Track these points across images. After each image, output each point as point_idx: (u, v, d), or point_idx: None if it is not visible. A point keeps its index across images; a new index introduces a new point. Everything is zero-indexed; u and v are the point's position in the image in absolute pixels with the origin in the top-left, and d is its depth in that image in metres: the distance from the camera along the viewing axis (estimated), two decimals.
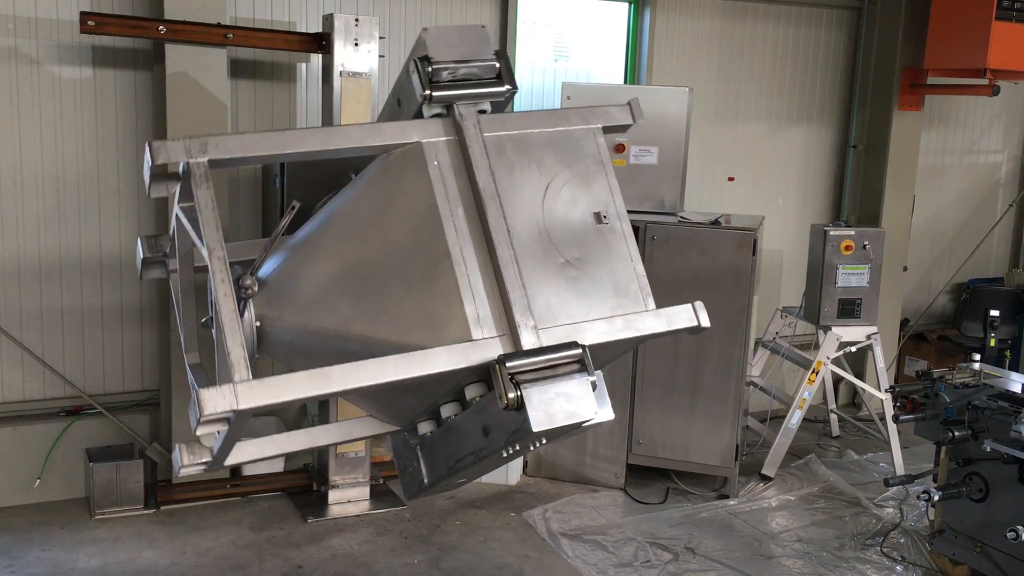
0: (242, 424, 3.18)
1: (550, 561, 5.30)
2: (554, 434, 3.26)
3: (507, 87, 3.57)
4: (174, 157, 3.30)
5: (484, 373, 3.23)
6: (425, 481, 3.84)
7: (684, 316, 3.60)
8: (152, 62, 5.68)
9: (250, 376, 3.09)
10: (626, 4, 7.24)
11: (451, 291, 3.31)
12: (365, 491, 5.86)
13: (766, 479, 6.47)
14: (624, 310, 3.50)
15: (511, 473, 6.24)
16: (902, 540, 5.69)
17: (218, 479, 5.86)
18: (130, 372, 5.98)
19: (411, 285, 3.39)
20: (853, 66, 8.05)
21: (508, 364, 3.16)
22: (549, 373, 3.21)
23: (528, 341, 3.27)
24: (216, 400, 2.94)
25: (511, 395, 3.11)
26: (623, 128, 3.83)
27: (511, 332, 3.28)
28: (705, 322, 3.62)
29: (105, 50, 5.64)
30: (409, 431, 3.77)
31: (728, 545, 5.56)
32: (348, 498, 5.83)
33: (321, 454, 5.92)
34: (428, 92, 3.49)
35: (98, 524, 5.50)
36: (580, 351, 3.24)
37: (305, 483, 5.97)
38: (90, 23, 5.20)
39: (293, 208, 3.45)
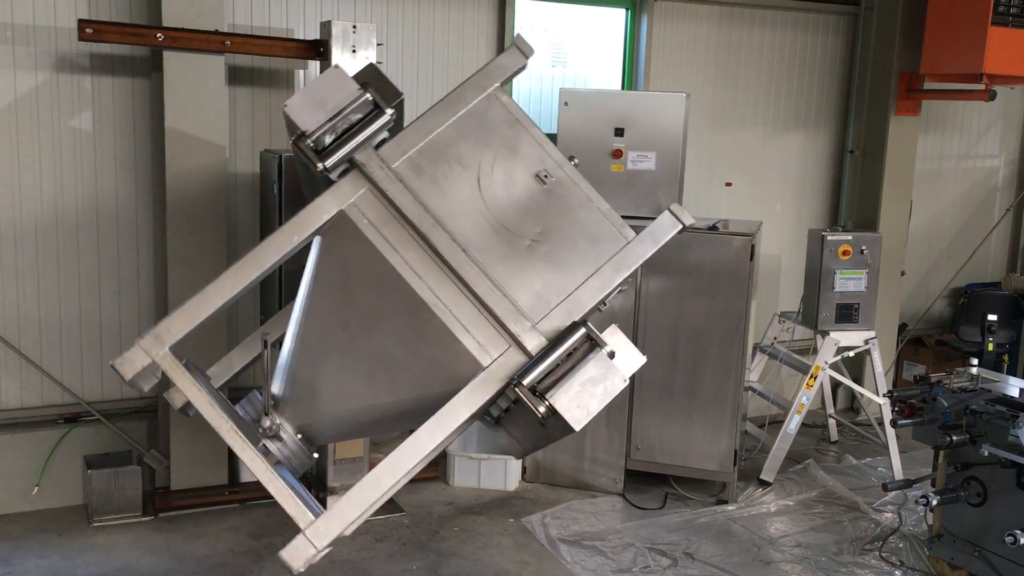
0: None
1: (549, 567, 5.29)
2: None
3: (389, 111, 3.40)
4: (140, 364, 3.43)
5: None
6: (520, 448, 4.01)
7: (667, 226, 3.50)
8: (150, 69, 5.69)
9: (313, 515, 3.30)
10: (623, 10, 7.26)
11: (443, 333, 3.35)
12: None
13: (765, 484, 6.47)
14: (607, 255, 3.45)
15: (510, 479, 6.24)
16: (901, 545, 5.69)
17: (216, 486, 5.86)
18: None
19: (407, 345, 3.44)
20: (850, 71, 8.06)
21: (525, 382, 3.20)
22: (566, 367, 3.23)
23: (533, 344, 3.29)
24: (299, 555, 3.23)
25: (542, 408, 3.20)
26: (521, 69, 3.62)
27: (515, 342, 3.30)
28: (688, 220, 3.52)
29: (103, 57, 5.64)
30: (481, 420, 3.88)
31: (727, 550, 5.56)
32: None
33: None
34: (320, 165, 3.34)
35: (96, 531, 5.49)
36: (583, 330, 3.25)
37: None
38: (88, 31, 5.21)
39: (268, 344, 3.52)
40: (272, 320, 4.59)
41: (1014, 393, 5.17)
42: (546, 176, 3.43)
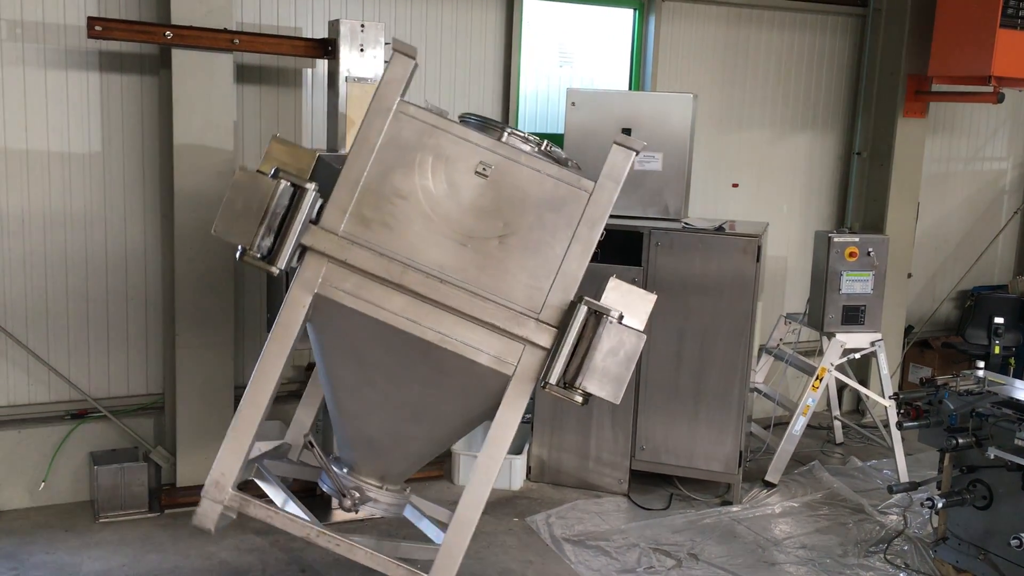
0: None
1: (553, 567, 5.29)
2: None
3: (309, 185, 3.36)
4: (215, 513, 3.52)
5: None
6: None
7: (621, 160, 3.36)
8: (159, 67, 5.70)
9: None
10: (631, 10, 7.26)
11: (459, 362, 3.40)
12: None
13: (770, 485, 6.46)
14: (576, 216, 3.40)
15: (514, 478, 6.24)
16: (906, 547, 5.68)
17: None
18: (135, 376, 5.99)
19: (435, 383, 3.51)
20: (857, 73, 8.05)
21: (553, 381, 3.25)
22: (583, 349, 3.23)
23: (543, 338, 3.32)
24: None
25: (578, 398, 3.27)
26: (414, 70, 3.45)
27: (527, 342, 3.32)
28: (638, 145, 3.41)
29: (112, 55, 5.66)
30: None
31: (731, 551, 5.56)
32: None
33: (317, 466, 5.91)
34: (275, 270, 3.37)
35: (102, 527, 5.51)
36: (584, 307, 3.25)
37: (310, 485, 5.96)
38: (97, 28, 5.23)
39: (312, 443, 3.72)
40: (303, 400, 4.77)
41: (1021, 396, 5.16)
42: (484, 168, 3.34)
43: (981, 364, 5.48)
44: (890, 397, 6.53)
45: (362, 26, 5.57)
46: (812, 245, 6.87)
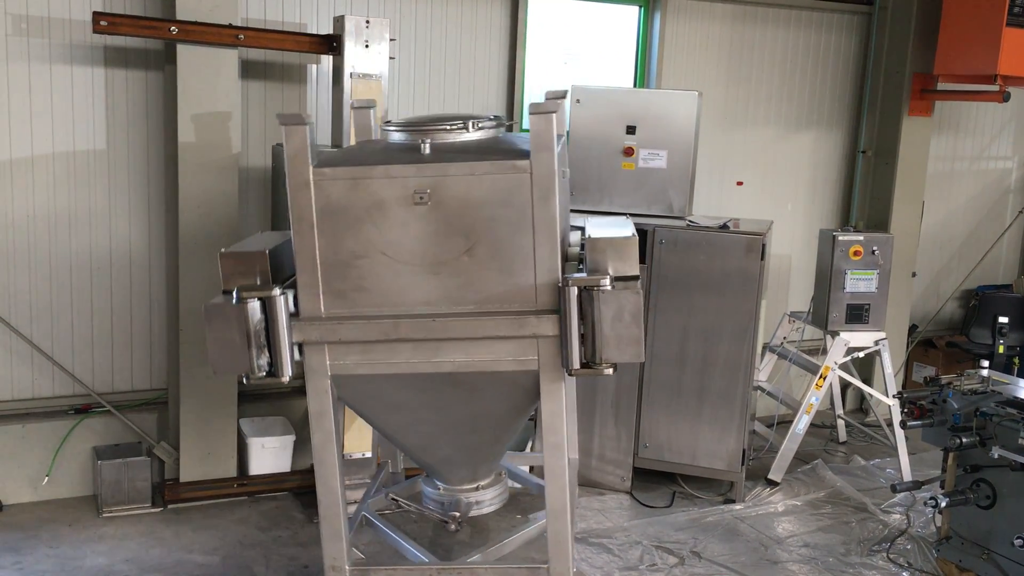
0: None
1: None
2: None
3: (275, 291, 3.30)
4: None
5: None
6: None
7: (543, 127, 3.19)
8: (164, 62, 5.71)
9: None
10: (636, 7, 7.25)
11: (486, 378, 3.44)
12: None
13: (773, 484, 6.46)
14: (526, 200, 3.27)
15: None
16: (909, 546, 5.67)
17: (225, 478, 5.88)
18: (139, 371, 6.00)
19: (474, 400, 3.57)
20: (863, 71, 8.04)
21: (576, 367, 3.26)
22: (590, 325, 3.22)
23: (549, 327, 3.31)
24: None
25: (608, 371, 3.29)
26: (311, 132, 3.34)
27: (537, 336, 3.32)
28: (553, 107, 3.24)
29: (117, 50, 5.66)
30: None
31: (734, 550, 5.56)
32: (354, 499, 5.84)
33: None
34: (282, 378, 3.37)
35: (105, 522, 5.52)
36: (573, 288, 3.21)
37: (312, 483, 5.95)
38: (103, 23, 5.23)
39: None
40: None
41: None
42: (420, 196, 3.23)
43: (985, 363, 5.47)
44: (894, 396, 6.52)
45: (367, 22, 5.57)
46: (816, 243, 6.87)
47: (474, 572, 3.83)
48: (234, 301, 3.27)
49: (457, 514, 3.99)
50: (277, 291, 3.28)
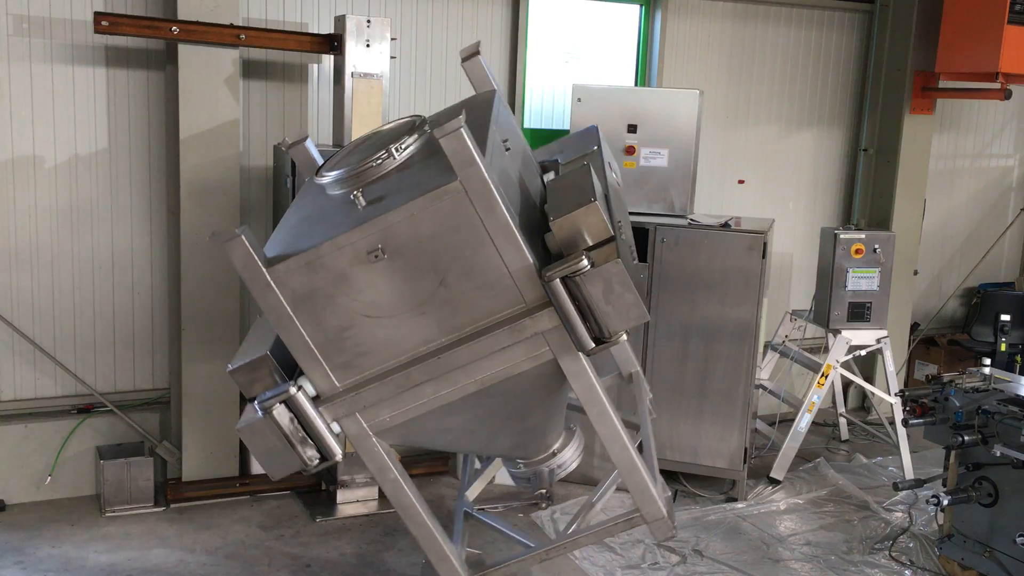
0: None
1: (558, 562, 5.29)
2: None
3: (290, 386, 3.35)
4: None
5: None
6: None
7: (458, 146, 3.10)
8: (165, 62, 5.71)
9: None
10: (637, 6, 7.25)
11: (507, 384, 3.46)
12: (374, 491, 5.87)
13: (774, 482, 6.46)
14: (471, 215, 3.19)
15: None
16: (911, 544, 5.67)
17: (227, 478, 5.89)
18: (141, 370, 6.01)
19: (511, 400, 3.62)
20: (864, 69, 8.03)
21: (589, 349, 3.27)
22: (587, 307, 3.21)
23: (548, 321, 3.34)
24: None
25: (622, 338, 3.28)
26: (243, 238, 3.30)
27: (540, 332, 3.32)
28: (455, 124, 3.12)
29: (118, 50, 5.67)
30: None
31: (736, 548, 5.56)
32: (357, 497, 5.85)
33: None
34: (336, 457, 3.44)
35: (108, 521, 5.53)
36: (555, 282, 3.20)
37: (314, 482, 5.99)
38: (104, 23, 5.24)
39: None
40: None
41: None
42: (374, 253, 3.21)
43: (987, 361, 5.47)
44: (896, 394, 6.52)
45: (368, 22, 5.57)
46: (818, 242, 6.86)
47: (577, 543, 3.93)
48: (258, 409, 3.34)
49: (544, 490, 4.10)
50: (293, 389, 3.34)
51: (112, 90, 5.69)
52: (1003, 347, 7.62)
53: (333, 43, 5.64)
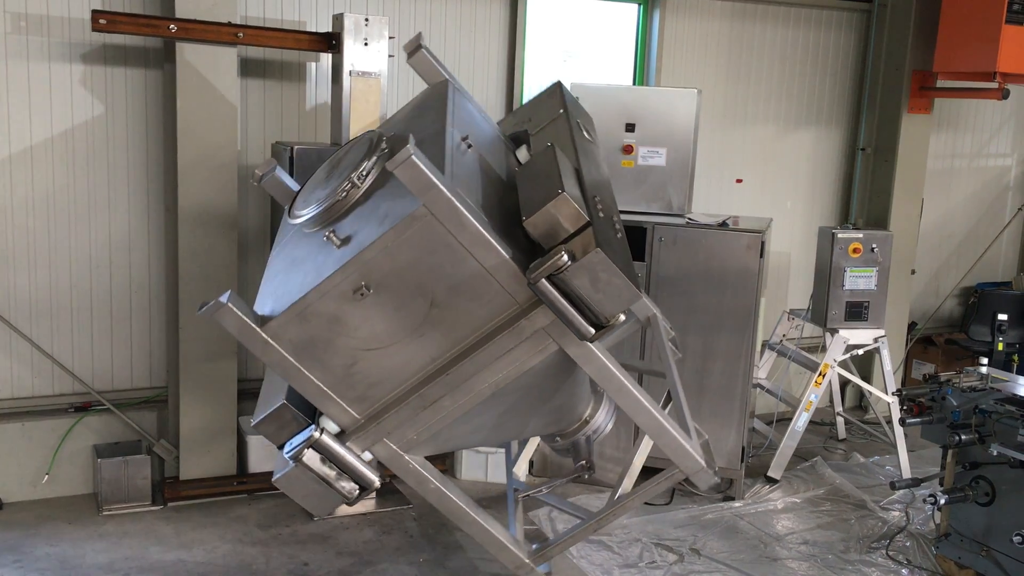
0: None
1: (555, 561, 5.28)
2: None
3: (314, 432, 3.39)
4: None
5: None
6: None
7: (413, 173, 3.06)
8: (163, 60, 5.71)
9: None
10: (635, 5, 7.24)
11: (525, 376, 3.50)
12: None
13: (772, 481, 6.47)
14: (443, 234, 3.19)
15: (519, 472, 6.24)
16: (908, 543, 5.68)
17: (225, 476, 5.89)
18: (138, 369, 6.00)
19: (532, 391, 3.67)
20: (862, 69, 8.04)
21: (592, 337, 3.28)
22: (577, 299, 3.21)
23: (545, 318, 3.38)
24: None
25: (622, 318, 3.28)
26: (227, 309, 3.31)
27: (540, 329, 3.33)
28: (403, 153, 3.07)
29: (116, 48, 5.66)
30: None
31: (733, 547, 5.56)
32: None
33: None
34: (375, 483, 3.49)
35: (106, 520, 5.53)
36: (542, 282, 3.19)
37: None
38: (102, 21, 5.23)
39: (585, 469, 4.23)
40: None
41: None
42: (360, 291, 3.22)
43: (984, 361, 5.47)
44: (893, 393, 6.53)
45: (366, 20, 5.57)
46: (816, 241, 6.87)
47: (624, 507, 4.08)
48: (290, 457, 3.41)
49: (585, 461, 4.19)
50: (316, 432, 3.39)
51: (109, 89, 5.69)
52: (1000, 346, 7.62)
53: (331, 42, 5.64)
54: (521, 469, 5.82)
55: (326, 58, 6.06)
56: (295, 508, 5.77)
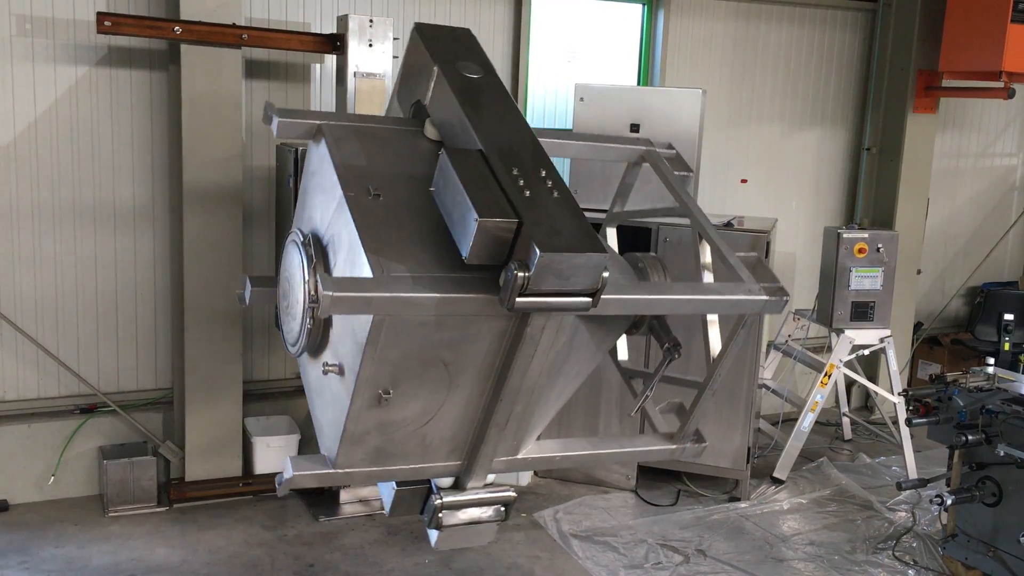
0: None
1: (561, 562, 5.30)
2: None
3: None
4: None
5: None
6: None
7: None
8: (168, 62, 5.71)
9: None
10: (640, 5, 7.24)
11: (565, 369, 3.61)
12: (376, 490, 5.87)
13: (778, 482, 6.45)
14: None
15: (522, 474, 6.24)
16: (914, 544, 5.67)
17: (230, 477, 5.89)
18: (144, 371, 6.01)
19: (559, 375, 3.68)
20: (867, 68, 8.03)
21: (593, 309, 3.22)
22: (555, 288, 3.09)
23: (544, 317, 3.30)
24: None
25: (607, 273, 3.15)
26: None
27: (543, 330, 3.32)
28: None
29: (121, 50, 5.67)
30: None
31: (739, 548, 5.55)
32: (359, 497, 5.85)
33: None
34: (439, 504, 3.56)
35: (111, 521, 5.53)
36: (518, 302, 3.09)
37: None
38: (107, 23, 5.24)
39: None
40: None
41: None
42: (383, 397, 3.24)
43: (991, 361, 5.46)
44: (899, 393, 6.52)
45: (371, 21, 5.57)
46: (821, 241, 6.86)
47: (626, 455, 4.22)
48: (439, 531, 3.63)
49: (668, 342, 4.29)
50: (436, 500, 3.56)
51: (114, 91, 5.69)
52: (1007, 346, 7.61)
53: (336, 43, 5.64)
54: (527, 474, 5.80)
55: (331, 59, 6.06)
56: (300, 509, 5.78)
